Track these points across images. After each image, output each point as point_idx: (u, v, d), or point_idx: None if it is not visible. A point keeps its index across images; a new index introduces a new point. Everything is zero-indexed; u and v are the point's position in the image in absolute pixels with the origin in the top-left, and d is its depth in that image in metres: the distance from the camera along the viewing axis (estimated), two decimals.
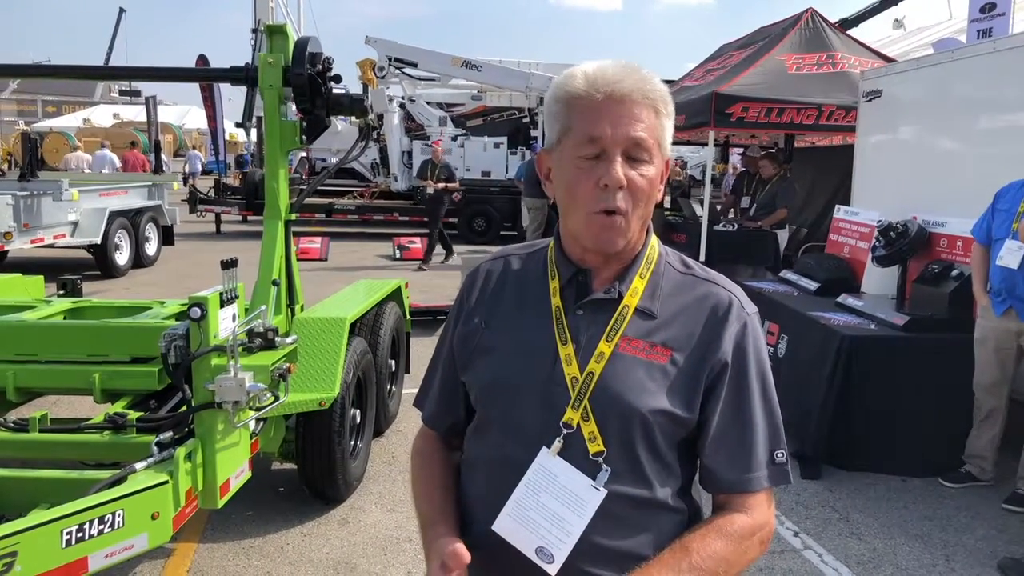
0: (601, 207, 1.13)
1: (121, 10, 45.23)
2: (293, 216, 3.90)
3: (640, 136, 1.12)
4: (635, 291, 1.20)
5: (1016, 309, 3.84)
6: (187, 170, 25.79)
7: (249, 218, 15.10)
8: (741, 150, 11.75)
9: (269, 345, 3.05)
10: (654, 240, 1.25)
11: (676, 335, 1.18)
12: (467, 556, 1.12)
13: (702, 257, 7.77)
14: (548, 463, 1.14)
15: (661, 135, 1.15)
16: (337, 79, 3.89)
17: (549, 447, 1.14)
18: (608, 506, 1.12)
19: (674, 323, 1.19)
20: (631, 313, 1.18)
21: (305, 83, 3.66)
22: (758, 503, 1.19)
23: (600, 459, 1.14)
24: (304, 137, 3.85)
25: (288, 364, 3.15)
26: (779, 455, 1.20)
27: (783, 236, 8.39)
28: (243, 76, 3.81)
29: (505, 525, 1.14)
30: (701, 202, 8.71)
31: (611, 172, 1.11)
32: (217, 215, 15.33)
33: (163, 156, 21.05)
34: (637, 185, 1.13)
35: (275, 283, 3.55)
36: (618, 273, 1.21)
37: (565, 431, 1.14)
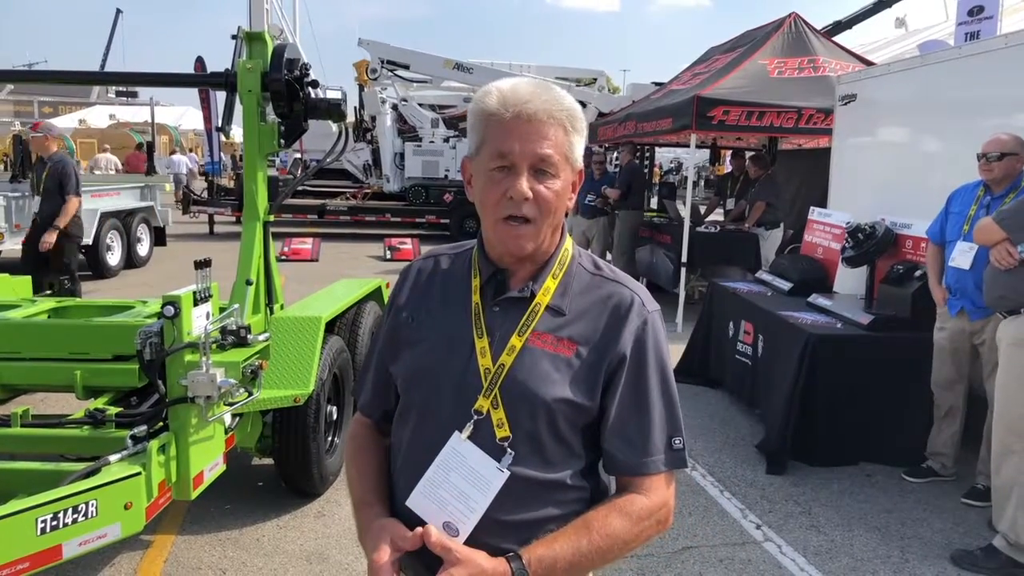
0: (507, 213, 1.24)
1: (118, 11, 45.28)
2: (271, 217, 4.01)
3: (546, 153, 1.22)
4: (547, 290, 1.30)
5: (967, 310, 3.93)
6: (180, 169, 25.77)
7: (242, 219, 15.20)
8: (731, 152, 11.85)
9: (241, 342, 3.16)
10: (568, 242, 1.36)
11: (582, 331, 1.29)
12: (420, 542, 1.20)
13: (684, 258, 7.86)
14: (459, 446, 1.25)
15: (569, 150, 1.26)
16: (315, 84, 4.00)
17: (461, 431, 1.25)
18: (512, 486, 1.23)
19: (581, 320, 1.29)
20: (542, 310, 1.29)
21: (283, 88, 3.77)
22: (656, 485, 1.29)
23: (506, 444, 1.24)
24: (282, 141, 3.96)
25: (260, 361, 3.25)
26: (676, 441, 1.31)
27: (777, 235, 8.43)
28: (223, 81, 3.92)
29: (417, 501, 1.25)
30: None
31: (516, 186, 1.22)
32: (210, 216, 15.42)
33: (173, 157, 21.09)
34: (543, 197, 1.24)
35: (248, 283, 3.65)
36: (533, 273, 1.32)
37: (476, 417, 1.25)
